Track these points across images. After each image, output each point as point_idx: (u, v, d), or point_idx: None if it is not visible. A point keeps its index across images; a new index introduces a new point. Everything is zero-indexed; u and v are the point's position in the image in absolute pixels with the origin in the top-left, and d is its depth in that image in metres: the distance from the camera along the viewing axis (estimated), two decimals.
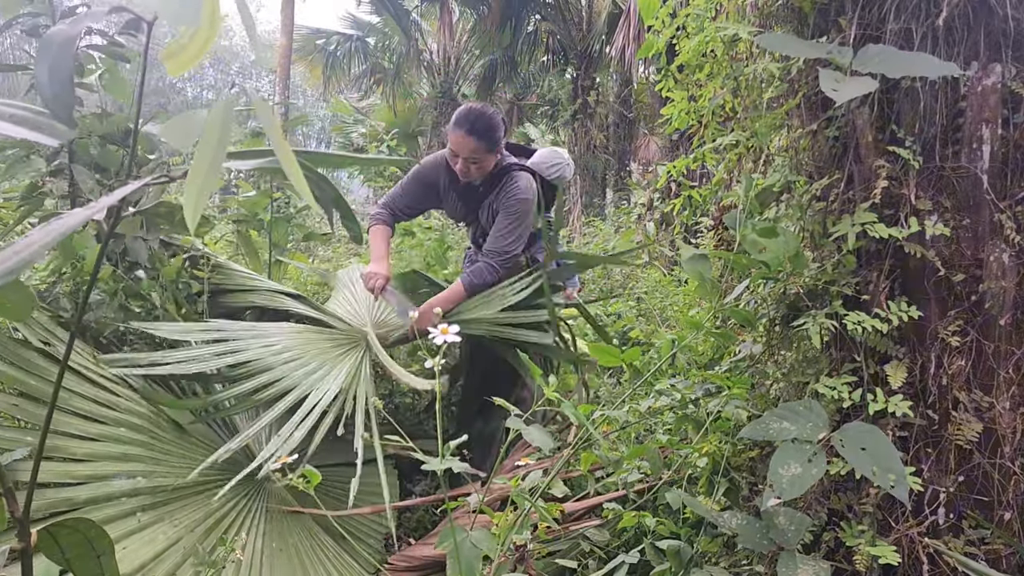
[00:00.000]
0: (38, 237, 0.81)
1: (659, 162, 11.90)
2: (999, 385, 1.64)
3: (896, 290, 1.72)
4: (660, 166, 8.37)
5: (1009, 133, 1.64)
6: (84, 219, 0.88)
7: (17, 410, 1.93)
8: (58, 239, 0.83)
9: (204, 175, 0.79)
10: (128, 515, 1.90)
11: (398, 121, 16.02)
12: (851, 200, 1.76)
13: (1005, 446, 1.62)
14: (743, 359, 2.06)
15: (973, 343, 1.65)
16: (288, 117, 10.75)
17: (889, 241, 1.65)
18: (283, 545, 2.10)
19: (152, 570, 1.80)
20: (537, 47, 14.93)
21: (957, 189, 1.67)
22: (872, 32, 1.73)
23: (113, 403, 2.13)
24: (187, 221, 0.78)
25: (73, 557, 1.07)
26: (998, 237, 1.63)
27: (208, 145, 0.80)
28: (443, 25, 14.49)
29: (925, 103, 1.68)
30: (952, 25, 1.65)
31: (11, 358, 1.98)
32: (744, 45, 2.03)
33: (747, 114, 2.02)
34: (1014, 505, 1.63)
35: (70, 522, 1.04)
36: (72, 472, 1.90)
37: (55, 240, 0.82)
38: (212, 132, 0.81)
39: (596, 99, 14.06)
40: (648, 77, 12.53)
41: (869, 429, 1.47)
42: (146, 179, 1.03)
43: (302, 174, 0.81)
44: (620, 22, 11.30)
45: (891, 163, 1.69)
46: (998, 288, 1.62)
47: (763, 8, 1.96)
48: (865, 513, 1.67)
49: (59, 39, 0.95)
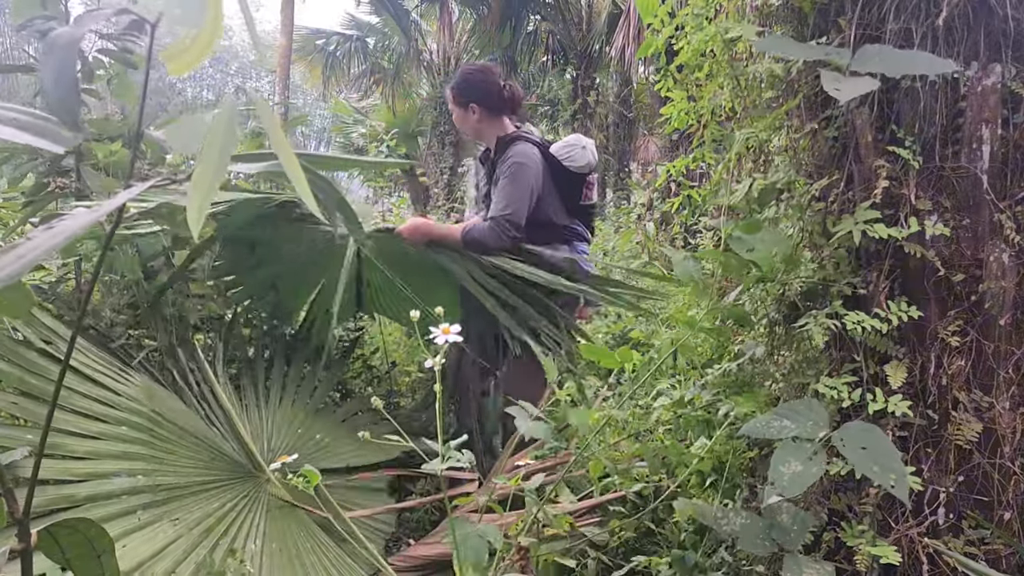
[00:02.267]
0: (43, 240, 0.81)
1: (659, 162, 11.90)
2: (999, 385, 1.64)
3: (896, 290, 1.72)
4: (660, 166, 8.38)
5: (1009, 133, 1.64)
6: (89, 222, 0.88)
7: (17, 408, 1.94)
8: (64, 242, 0.83)
9: (209, 178, 0.79)
10: (128, 513, 1.90)
11: (398, 121, 16.02)
12: (851, 200, 1.76)
13: (1005, 446, 1.63)
14: (745, 360, 2.06)
15: (973, 343, 1.65)
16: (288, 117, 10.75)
17: (889, 241, 1.65)
18: (283, 545, 2.10)
19: (151, 568, 1.80)
20: (537, 47, 14.93)
21: (957, 189, 1.67)
22: (872, 32, 1.74)
23: (114, 402, 2.13)
24: (190, 224, 0.78)
25: (73, 557, 1.07)
26: (998, 237, 1.63)
27: (213, 149, 0.80)
28: (443, 25, 14.49)
29: (925, 103, 1.68)
30: (952, 25, 1.65)
31: (11, 357, 1.99)
32: (744, 45, 2.03)
33: (747, 114, 2.02)
34: (1014, 505, 1.63)
35: (70, 521, 1.04)
36: (72, 469, 1.90)
37: (61, 243, 0.82)
38: (216, 136, 0.80)
39: (596, 99, 14.07)
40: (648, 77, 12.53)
41: (869, 428, 1.48)
42: (150, 182, 1.03)
43: (305, 177, 0.81)
44: (620, 22, 11.30)
45: (891, 163, 1.69)
46: (998, 288, 1.62)
47: (763, 8, 1.96)
48: (865, 513, 1.67)
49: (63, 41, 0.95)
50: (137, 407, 2.18)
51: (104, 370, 2.21)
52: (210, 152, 0.80)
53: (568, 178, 2.83)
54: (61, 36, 0.95)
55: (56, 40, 0.95)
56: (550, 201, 2.81)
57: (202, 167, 0.79)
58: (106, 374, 2.20)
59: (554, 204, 2.83)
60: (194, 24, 0.83)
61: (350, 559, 2.20)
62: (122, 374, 2.27)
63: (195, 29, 0.84)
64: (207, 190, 0.79)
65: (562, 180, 2.82)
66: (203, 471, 2.18)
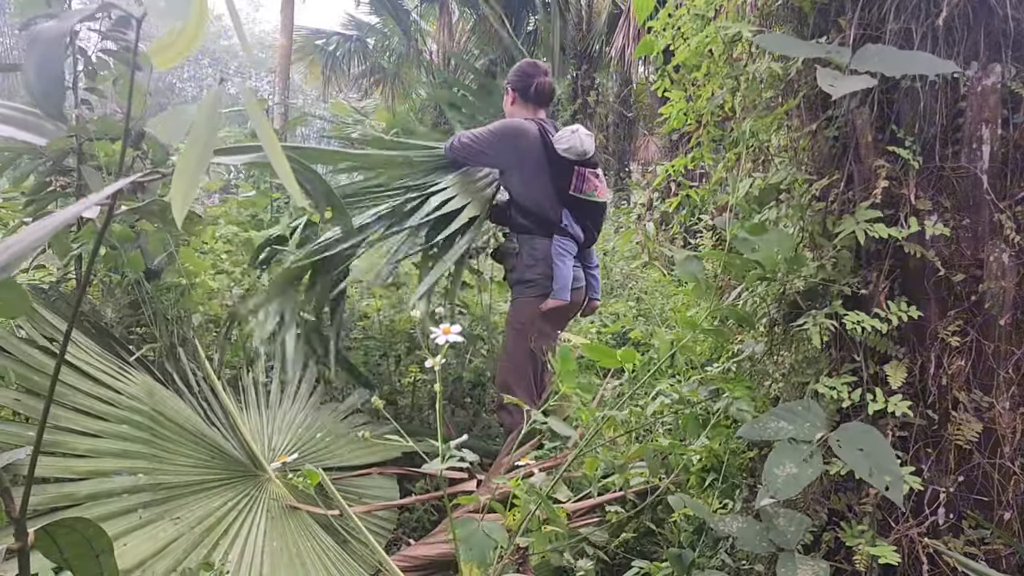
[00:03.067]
0: (30, 230, 0.81)
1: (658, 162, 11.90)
2: (999, 385, 1.64)
3: (896, 290, 1.73)
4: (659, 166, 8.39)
5: (1009, 133, 1.64)
6: (74, 215, 0.88)
7: (20, 405, 1.94)
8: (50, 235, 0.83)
9: (192, 168, 0.79)
10: (129, 512, 1.90)
11: (397, 121, 16.00)
12: (851, 200, 1.76)
13: (1005, 446, 1.63)
14: (744, 359, 2.06)
15: (973, 343, 1.65)
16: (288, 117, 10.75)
17: (889, 241, 1.65)
18: (284, 544, 2.10)
19: (152, 566, 1.80)
20: (537, 47, 14.93)
21: (957, 189, 1.67)
22: (872, 32, 1.74)
23: (115, 400, 2.13)
24: (175, 214, 0.78)
25: (72, 556, 1.06)
26: (998, 237, 1.63)
27: (197, 139, 0.80)
28: (443, 25, 14.48)
29: (925, 103, 1.68)
30: (952, 25, 1.65)
31: (15, 353, 1.99)
32: (743, 45, 2.03)
33: (746, 114, 2.02)
34: (1014, 505, 1.63)
35: (68, 521, 1.04)
36: (73, 467, 1.90)
37: (47, 235, 0.82)
38: (200, 126, 0.80)
39: (596, 99, 14.06)
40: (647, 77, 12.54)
41: (867, 430, 1.48)
42: (135, 175, 1.03)
43: (290, 167, 0.80)
44: (620, 22, 11.31)
45: (891, 163, 1.69)
46: (998, 288, 1.62)
47: (763, 8, 1.96)
48: (865, 513, 1.68)
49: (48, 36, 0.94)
50: (138, 406, 2.18)
51: (105, 368, 2.22)
52: (194, 141, 0.80)
53: (558, 161, 2.91)
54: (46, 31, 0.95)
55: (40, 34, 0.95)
56: (539, 184, 2.92)
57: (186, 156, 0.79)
58: (108, 372, 2.20)
59: (543, 187, 2.92)
60: (179, 17, 0.83)
61: (351, 559, 2.20)
62: (124, 373, 2.27)
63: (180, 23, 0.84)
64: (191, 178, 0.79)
65: (554, 164, 2.92)
66: (204, 470, 2.18)
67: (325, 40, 15.55)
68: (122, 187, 0.96)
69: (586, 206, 2.97)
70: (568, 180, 2.92)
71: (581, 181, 2.94)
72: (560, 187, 2.92)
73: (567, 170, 2.92)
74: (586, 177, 2.95)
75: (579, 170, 2.92)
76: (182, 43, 0.86)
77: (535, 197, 2.92)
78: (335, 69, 15.49)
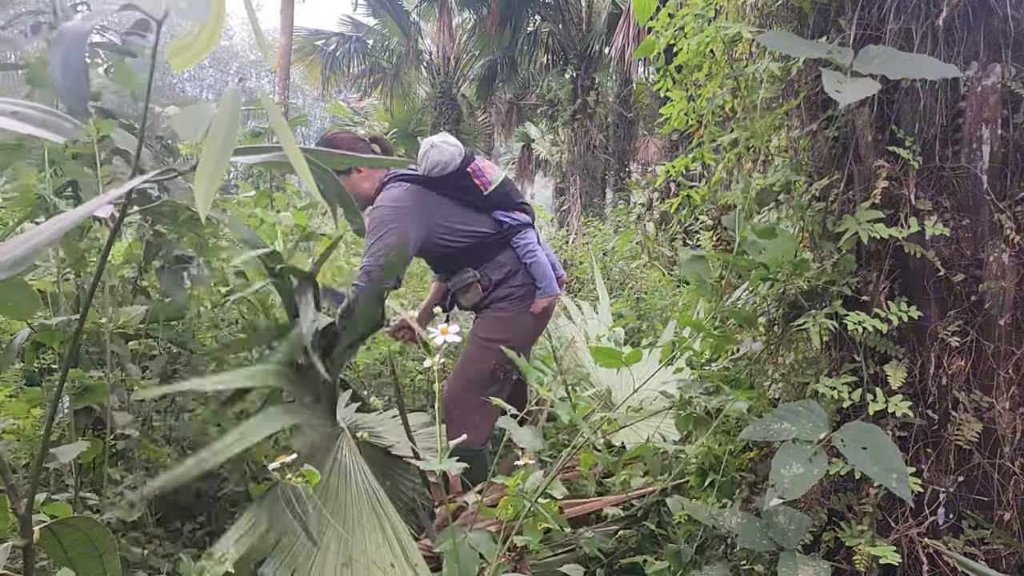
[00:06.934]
0: (48, 225, 0.83)
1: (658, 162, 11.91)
2: (999, 385, 1.64)
3: (896, 290, 1.73)
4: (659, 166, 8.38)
5: (1009, 133, 1.64)
6: (87, 212, 0.89)
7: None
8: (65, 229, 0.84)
9: (215, 162, 0.80)
10: None
11: (397, 121, 16.04)
12: (851, 200, 1.76)
13: (1005, 446, 1.63)
14: (742, 357, 2.06)
15: (973, 343, 1.65)
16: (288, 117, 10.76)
17: (889, 241, 1.65)
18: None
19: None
20: (537, 47, 14.95)
21: (957, 189, 1.67)
22: (872, 32, 1.74)
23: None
24: (199, 207, 0.79)
25: (75, 556, 1.07)
26: (998, 237, 1.63)
27: (219, 133, 0.81)
28: (442, 26, 14.50)
29: (925, 103, 1.68)
30: (952, 25, 1.65)
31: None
32: (744, 45, 2.03)
33: (746, 114, 2.02)
34: (1014, 505, 1.63)
35: (72, 521, 1.04)
36: None
37: (63, 230, 0.83)
38: (222, 121, 0.82)
39: (596, 99, 14.08)
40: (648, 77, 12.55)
41: (869, 429, 1.48)
42: (149, 175, 1.04)
43: (308, 167, 0.82)
44: (620, 22, 11.32)
45: (891, 163, 1.69)
46: (998, 288, 1.62)
47: (763, 8, 1.96)
48: (865, 513, 1.67)
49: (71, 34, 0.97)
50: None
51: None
52: (214, 140, 0.81)
53: (451, 183, 2.69)
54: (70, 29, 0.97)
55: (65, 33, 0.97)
56: (457, 218, 2.70)
57: (207, 155, 0.81)
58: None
59: (464, 217, 2.72)
60: (199, 17, 0.85)
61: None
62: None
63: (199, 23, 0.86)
64: (212, 176, 0.80)
65: (450, 188, 2.70)
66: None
67: (325, 40, 15.59)
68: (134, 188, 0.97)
69: (502, 191, 2.78)
70: (473, 186, 2.73)
71: (481, 175, 2.74)
72: (473, 199, 2.74)
73: (462, 178, 2.71)
74: (480, 170, 2.75)
75: (471, 169, 2.72)
76: (199, 44, 0.88)
77: (465, 229, 2.72)
78: (334, 69, 15.52)
